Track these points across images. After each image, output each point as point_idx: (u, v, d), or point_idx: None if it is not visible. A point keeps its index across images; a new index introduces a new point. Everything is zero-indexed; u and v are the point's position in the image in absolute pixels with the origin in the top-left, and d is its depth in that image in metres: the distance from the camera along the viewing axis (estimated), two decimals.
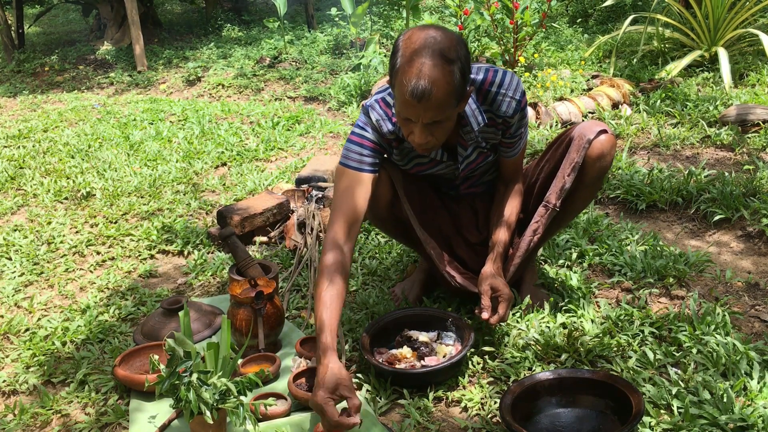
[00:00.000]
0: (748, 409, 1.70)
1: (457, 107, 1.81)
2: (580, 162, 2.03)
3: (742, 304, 2.25)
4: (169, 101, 5.83)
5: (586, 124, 2.06)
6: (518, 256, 2.13)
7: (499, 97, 1.94)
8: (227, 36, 7.89)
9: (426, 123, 1.78)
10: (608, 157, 2.04)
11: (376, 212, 2.16)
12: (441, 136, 1.85)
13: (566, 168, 2.04)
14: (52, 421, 1.96)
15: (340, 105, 5.27)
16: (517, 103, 1.96)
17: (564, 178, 2.05)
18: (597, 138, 2.02)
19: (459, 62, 1.73)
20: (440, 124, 1.80)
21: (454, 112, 1.81)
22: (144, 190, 3.67)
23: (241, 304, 2.11)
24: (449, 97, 1.74)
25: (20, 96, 6.59)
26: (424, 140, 1.82)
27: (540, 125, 4.16)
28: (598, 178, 2.08)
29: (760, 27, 5.32)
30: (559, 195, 2.06)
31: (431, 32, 1.74)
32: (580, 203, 2.16)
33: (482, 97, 1.96)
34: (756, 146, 3.51)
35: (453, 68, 1.72)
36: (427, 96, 1.70)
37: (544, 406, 1.78)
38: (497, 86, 1.94)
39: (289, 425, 1.78)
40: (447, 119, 1.80)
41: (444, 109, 1.76)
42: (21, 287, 2.75)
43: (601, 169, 2.05)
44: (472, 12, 4.77)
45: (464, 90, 1.80)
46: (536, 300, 2.27)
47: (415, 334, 2.09)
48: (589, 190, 2.12)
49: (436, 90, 1.70)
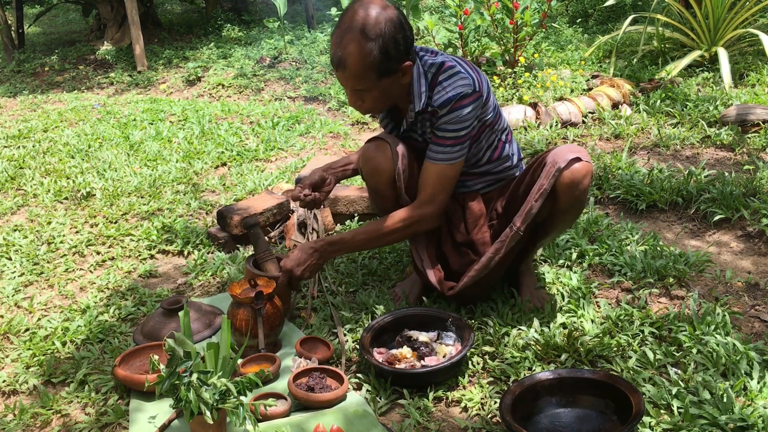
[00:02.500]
0: (748, 409, 1.70)
1: (380, 80, 1.96)
2: (548, 189, 1.99)
3: (742, 304, 2.25)
4: (169, 101, 5.83)
5: (561, 150, 2.01)
6: (475, 269, 2.12)
7: (439, 87, 2.03)
8: (227, 36, 7.88)
9: (352, 89, 1.99)
10: (581, 185, 1.98)
11: (378, 186, 2.19)
12: (371, 103, 2.03)
13: (534, 193, 2.01)
14: (52, 421, 1.96)
15: (340, 105, 5.27)
16: (448, 98, 2.00)
17: (531, 203, 2.02)
18: (569, 167, 1.97)
19: (381, 39, 1.90)
20: (366, 93, 1.99)
21: (378, 85, 1.97)
22: (144, 190, 3.67)
23: (241, 304, 2.11)
24: (364, 69, 1.92)
25: (20, 96, 6.59)
26: (354, 103, 2.04)
27: (540, 125, 4.16)
28: (572, 206, 2.03)
29: (760, 27, 5.32)
30: (524, 219, 2.03)
31: (363, 9, 1.92)
32: (557, 227, 2.13)
33: (433, 83, 2.06)
34: (756, 146, 3.51)
35: (371, 44, 1.90)
36: (342, 65, 1.93)
37: (544, 406, 1.78)
38: (445, 77, 2.03)
39: (289, 425, 1.78)
40: (369, 89, 1.98)
41: (361, 80, 1.95)
42: (21, 287, 2.75)
43: (574, 198, 2.00)
44: (472, 12, 4.77)
45: (387, 66, 1.94)
46: (536, 300, 2.27)
47: (415, 334, 2.09)
48: (563, 217, 2.08)
49: (349, 62, 1.91)
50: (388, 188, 2.17)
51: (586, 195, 2.05)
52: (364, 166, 2.19)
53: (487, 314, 2.25)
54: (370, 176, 2.18)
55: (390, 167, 2.13)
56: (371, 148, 2.16)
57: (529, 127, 4.13)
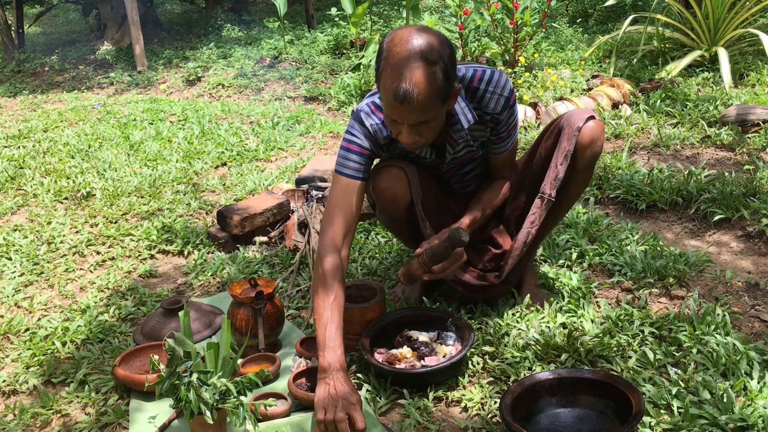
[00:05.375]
0: (748, 409, 1.70)
1: (443, 106, 1.83)
2: (571, 150, 2.04)
3: (742, 304, 2.25)
4: (169, 101, 5.83)
5: (574, 113, 2.07)
6: (516, 248, 2.14)
7: (488, 94, 1.96)
8: (227, 36, 7.88)
9: (412, 124, 1.81)
10: (599, 142, 2.05)
11: (394, 214, 2.14)
12: (429, 134, 1.88)
13: (559, 157, 2.06)
14: (52, 421, 1.96)
15: (340, 105, 5.27)
16: (505, 100, 1.98)
17: (557, 168, 2.06)
18: (586, 124, 2.03)
19: (441, 63, 1.76)
20: (427, 124, 1.83)
21: (440, 111, 1.84)
22: (144, 190, 3.67)
23: (241, 304, 2.11)
24: (433, 98, 1.77)
25: (20, 96, 6.59)
26: (412, 140, 1.86)
27: (540, 125, 4.16)
28: (590, 164, 2.09)
29: (760, 27, 5.32)
30: (553, 185, 2.07)
31: (414, 34, 1.76)
32: (574, 192, 2.17)
33: (471, 95, 1.98)
34: (756, 146, 3.51)
35: (435, 69, 1.74)
36: (410, 98, 1.73)
37: (544, 406, 1.78)
38: (486, 84, 1.96)
39: (289, 425, 1.78)
40: (433, 119, 1.83)
41: (428, 109, 1.78)
42: (21, 287, 2.75)
43: (593, 155, 2.06)
44: (472, 12, 4.77)
45: (449, 90, 1.81)
46: (536, 300, 2.27)
47: (415, 334, 2.09)
48: (582, 178, 2.12)
49: (418, 92, 1.73)
50: (404, 214, 2.13)
51: (601, 153, 2.12)
52: (379, 198, 2.10)
53: (487, 314, 2.25)
54: (386, 205, 2.11)
55: (406, 195, 2.08)
56: (384, 178, 2.06)
57: (529, 127, 4.13)
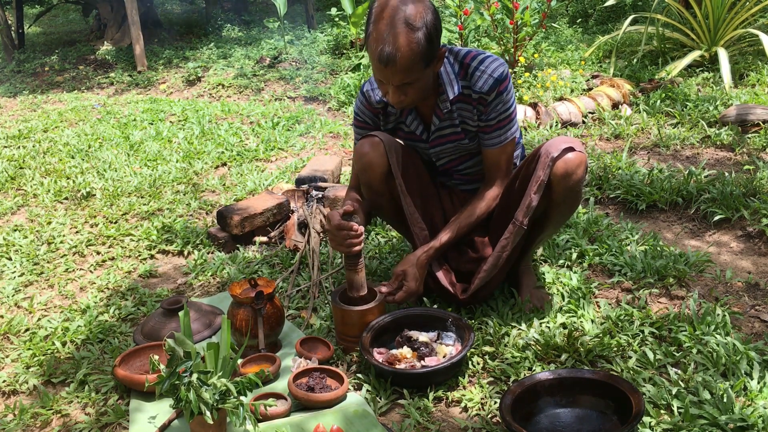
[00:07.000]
0: (748, 409, 1.70)
1: (427, 69, 1.96)
2: (545, 180, 1.99)
3: (742, 304, 2.25)
4: (169, 101, 5.83)
5: (555, 141, 2.02)
6: (484, 270, 2.13)
7: (477, 72, 2.04)
8: (227, 36, 7.89)
9: (397, 84, 1.95)
10: (574, 176, 1.98)
11: (370, 183, 2.19)
12: (414, 95, 2.01)
13: (533, 186, 2.02)
14: (52, 421, 1.96)
15: (340, 105, 5.27)
16: (494, 81, 2.03)
17: (530, 196, 2.02)
18: (562, 156, 1.98)
19: (425, 28, 1.89)
20: (411, 85, 1.97)
21: (424, 74, 1.96)
22: (144, 190, 3.67)
23: (241, 304, 2.11)
24: (415, 60, 1.90)
25: (20, 96, 6.59)
26: (398, 99, 2.00)
27: (540, 125, 4.16)
28: (568, 196, 2.03)
29: (760, 27, 5.32)
30: (525, 213, 2.03)
31: (397, 1, 1.90)
32: (555, 220, 2.13)
33: (463, 72, 2.07)
34: (756, 146, 3.51)
35: (417, 34, 1.88)
36: (393, 61, 1.88)
37: (544, 406, 1.78)
38: (478, 62, 2.05)
39: (289, 425, 1.78)
40: (417, 80, 1.96)
41: (411, 71, 1.92)
42: (21, 287, 2.75)
43: (568, 188, 2.00)
44: (472, 12, 4.77)
45: (432, 53, 1.94)
46: (536, 300, 2.27)
47: (415, 334, 2.09)
48: (560, 209, 2.08)
49: (401, 55, 1.88)
50: (381, 184, 2.19)
51: (581, 186, 2.04)
52: (357, 162, 2.20)
53: (487, 314, 2.25)
54: (363, 172, 2.19)
55: (383, 163, 2.15)
56: (365, 145, 2.17)
57: (529, 127, 4.13)
